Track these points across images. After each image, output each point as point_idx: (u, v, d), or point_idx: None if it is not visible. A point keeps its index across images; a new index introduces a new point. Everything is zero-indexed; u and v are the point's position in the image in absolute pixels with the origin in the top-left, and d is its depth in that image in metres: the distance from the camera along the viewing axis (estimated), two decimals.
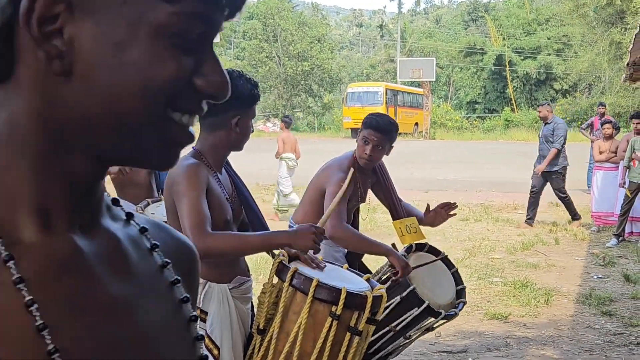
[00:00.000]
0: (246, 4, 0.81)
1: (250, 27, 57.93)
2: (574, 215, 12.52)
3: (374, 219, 11.25)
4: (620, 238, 10.93)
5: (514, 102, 54.04)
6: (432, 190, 15.89)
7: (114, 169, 4.78)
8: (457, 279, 4.29)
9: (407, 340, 4.01)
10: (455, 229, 11.80)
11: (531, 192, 12.37)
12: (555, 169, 12.08)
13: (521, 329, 6.72)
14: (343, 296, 2.80)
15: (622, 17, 37.57)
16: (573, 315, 7.19)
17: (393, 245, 4.17)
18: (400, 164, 22.18)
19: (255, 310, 3.16)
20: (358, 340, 2.91)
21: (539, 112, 12.45)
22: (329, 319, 2.82)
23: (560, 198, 12.38)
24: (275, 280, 2.96)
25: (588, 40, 44.47)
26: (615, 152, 11.95)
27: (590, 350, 6.14)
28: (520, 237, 11.34)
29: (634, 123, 11.38)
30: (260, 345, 2.95)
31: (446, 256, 4.35)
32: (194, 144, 3.19)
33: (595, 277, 8.81)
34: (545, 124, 12.27)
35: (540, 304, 7.49)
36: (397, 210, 4.57)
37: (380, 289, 3.00)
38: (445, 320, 4.05)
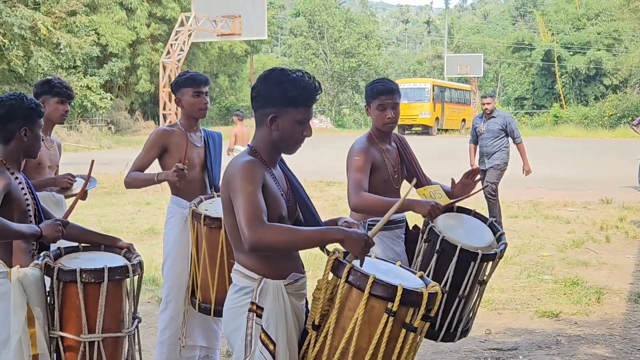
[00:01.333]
0: None
1: (297, 24, 58.21)
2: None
3: None
4: None
5: (562, 98, 53.40)
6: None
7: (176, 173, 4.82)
8: (495, 229, 4.27)
9: (465, 301, 4.03)
10: (504, 225, 11.70)
11: (492, 196, 11.33)
12: (497, 162, 11.32)
13: (572, 327, 6.67)
14: (399, 293, 2.83)
15: None
16: (625, 313, 7.12)
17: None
18: (447, 159, 22.07)
19: (309, 306, 3.19)
20: (413, 336, 2.94)
21: (488, 103, 11.36)
22: (385, 316, 2.86)
23: (490, 195, 11.26)
24: (331, 276, 2.99)
25: (639, 35, 43.71)
26: None
27: None
28: (571, 235, 11.22)
29: None
30: (316, 341, 3.00)
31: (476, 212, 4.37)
32: (249, 142, 3.22)
33: None
34: (490, 117, 11.42)
35: (591, 302, 7.43)
36: (420, 178, 4.62)
37: (435, 286, 3.02)
38: (489, 262, 4.04)
